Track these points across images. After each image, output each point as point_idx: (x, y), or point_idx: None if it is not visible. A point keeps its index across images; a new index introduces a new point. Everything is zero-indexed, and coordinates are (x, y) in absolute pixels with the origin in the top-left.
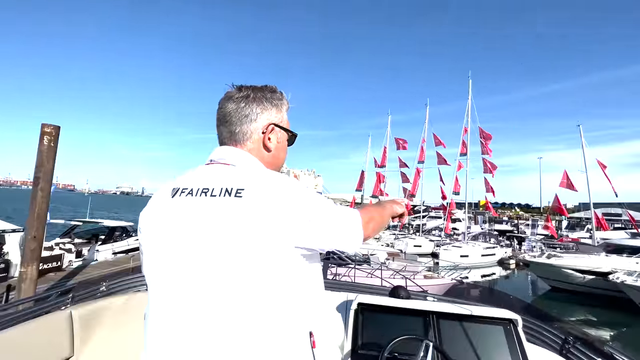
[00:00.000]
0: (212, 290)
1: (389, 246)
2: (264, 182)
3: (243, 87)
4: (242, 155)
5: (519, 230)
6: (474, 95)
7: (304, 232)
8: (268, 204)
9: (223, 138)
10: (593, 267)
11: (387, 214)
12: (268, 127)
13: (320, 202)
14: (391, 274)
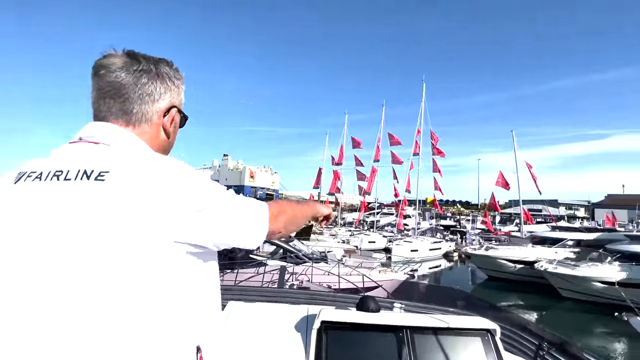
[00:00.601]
0: (54, 299)
1: (344, 243)
2: (139, 164)
3: (140, 57)
4: (125, 135)
5: (460, 225)
6: (427, 98)
7: (187, 224)
8: (138, 188)
9: (106, 114)
10: (522, 257)
11: (305, 212)
12: (171, 110)
13: (213, 189)
14: (348, 271)
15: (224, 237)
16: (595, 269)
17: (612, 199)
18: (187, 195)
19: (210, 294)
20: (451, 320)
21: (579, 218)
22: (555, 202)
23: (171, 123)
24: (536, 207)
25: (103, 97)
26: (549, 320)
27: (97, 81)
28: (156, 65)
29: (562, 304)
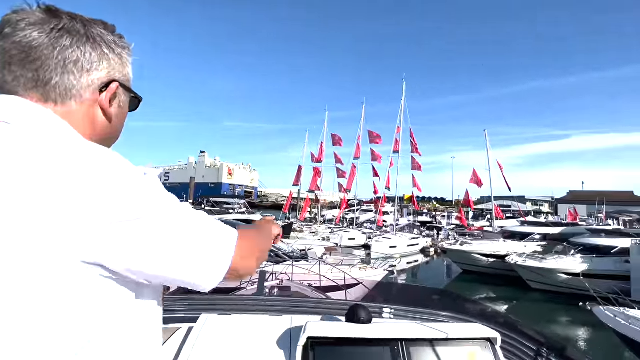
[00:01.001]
0: None
1: (325, 240)
2: (43, 152)
3: (63, 13)
4: (36, 112)
5: (436, 221)
6: (406, 97)
7: (102, 238)
8: (31, 185)
9: (13, 85)
10: (494, 251)
11: (269, 241)
12: (110, 85)
13: (151, 195)
14: (329, 269)
15: (157, 266)
16: (560, 261)
17: (574, 195)
18: (109, 198)
19: (140, 344)
20: (449, 329)
21: (544, 213)
22: (523, 198)
23: (111, 102)
24: (505, 203)
25: (8, 62)
26: (518, 310)
27: (1, 43)
28: (86, 25)
29: (531, 295)
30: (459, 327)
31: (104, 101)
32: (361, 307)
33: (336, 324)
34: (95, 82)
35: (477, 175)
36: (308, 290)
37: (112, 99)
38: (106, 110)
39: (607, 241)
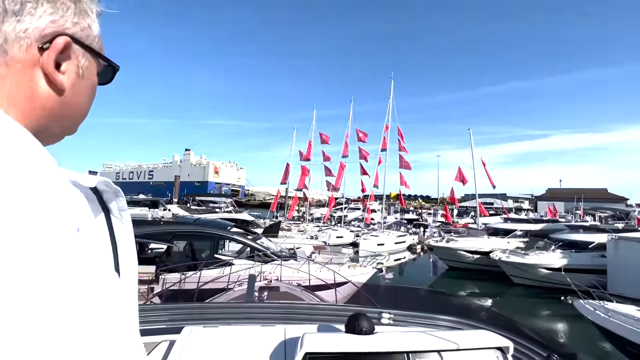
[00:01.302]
0: None
1: (313, 239)
2: None
3: None
4: None
5: (422, 219)
6: (395, 95)
7: None
8: None
9: None
10: (479, 247)
11: None
12: (57, 41)
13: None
14: (318, 268)
15: None
16: (541, 256)
17: (552, 192)
18: None
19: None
20: (457, 338)
21: (525, 210)
22: (504, 195)
23: (59, 66)
24: (489, 201)
25: None
26: (502, 305)
27: None
28: None
29: (514, 290)
30: (467, 336)
31: (46, 63)
32: (363, 317)
33: (336, 335)
34: (29, 34)
35: (462, 173)
36: (297, 291)
37: (62, 60)
38: (52, 77)
39: (585, 237)
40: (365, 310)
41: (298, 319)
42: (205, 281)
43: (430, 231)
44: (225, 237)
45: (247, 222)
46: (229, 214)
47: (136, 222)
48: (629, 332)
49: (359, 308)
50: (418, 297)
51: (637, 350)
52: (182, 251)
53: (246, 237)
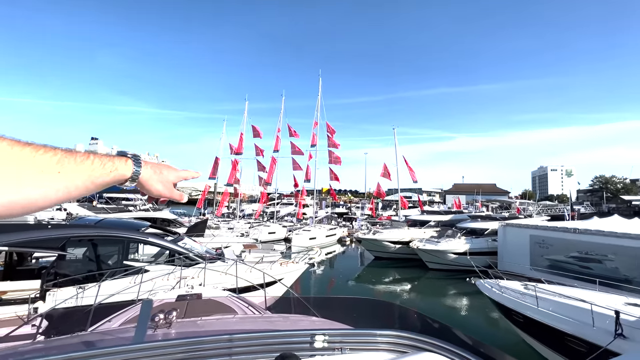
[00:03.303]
0: None
1: (243, 236)
2: None
3: None
4: None
5: (351, 212)
6: (324, 94)
7: None
8: None
9: None
10: (400, 238)
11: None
12: None
13: None
14: (248, 269)
15: None
16: (450, 243)
17: (457, 187)
18: None
19: None
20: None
21: (436, 202)
22: (420, 190)
23: None
24: (408, 195)
25: None
26: (419, 289)
27: None
28: None
29: (429, 274)
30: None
31: None
32: (291, 357)
33: None
34: None
35: (387, 169)
36: (223, 297)
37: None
38: None
39: (482, 224)
40: (296, 334)
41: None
42: (112, 293)
43: (358, 224)
44: (137, 240)
45: (168, 221)
46: (146, 212)
47: (9, 227)
48: (515, 304)
49: (288, 332)
50: (353, 306)
51: (520, 318)
52: (81, 260)
53: (164, 239)
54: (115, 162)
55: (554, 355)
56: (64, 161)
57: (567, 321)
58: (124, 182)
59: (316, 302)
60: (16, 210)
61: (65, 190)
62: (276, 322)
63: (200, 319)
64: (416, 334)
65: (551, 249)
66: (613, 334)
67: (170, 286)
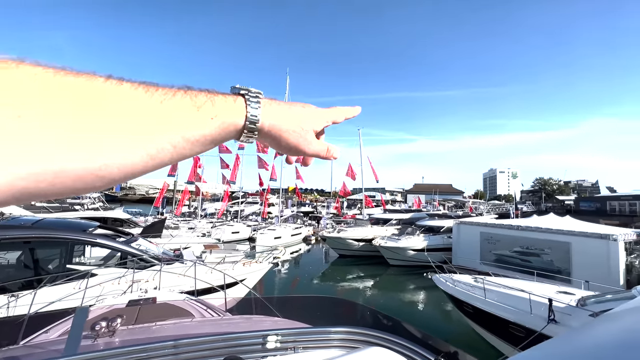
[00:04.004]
0: None
1: (205, 236)
2: None
3: None
4: None
5: (317, 211)
6: (292, 92)
7: None
8: None
9: None
10: (363, 236)
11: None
12: None
13: None
14: (208, 270)
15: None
16: (410, 240)
17: (417, 187)
18: None
19: None
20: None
21: (398, 202)
22: (383, 189)
23: None
24: (372, 194)
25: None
26: (381, 285)
27: None
28: None
29: (390, 270)
30: (362, 357)
31: None
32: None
33: None
34: None
35: (352, 169)
36: (180, 301)
37: None
38: None
39: (439, 222)
40: (248, 336)
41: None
42: (52, 301)
43: (324, 223)
44: (82, 242)
45: (121, 221)
46: (96, 211)
47: None
48: (466, 296)
49: (239, 334)
50: (315, 305)
51: (470, 309)
52: (14, 265)
53: (116, 240)
54: (217, 103)
55: (499, 341)
56: (154, 98)
57: (510, 310)
58: (236, 135)
59: (279, 302)
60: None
61: (148, 153)
62: (234, 324)
63: (155, 325)
64: (367, 329)
65: (498, 245)
66: (547, 320)
67: (122, 291)
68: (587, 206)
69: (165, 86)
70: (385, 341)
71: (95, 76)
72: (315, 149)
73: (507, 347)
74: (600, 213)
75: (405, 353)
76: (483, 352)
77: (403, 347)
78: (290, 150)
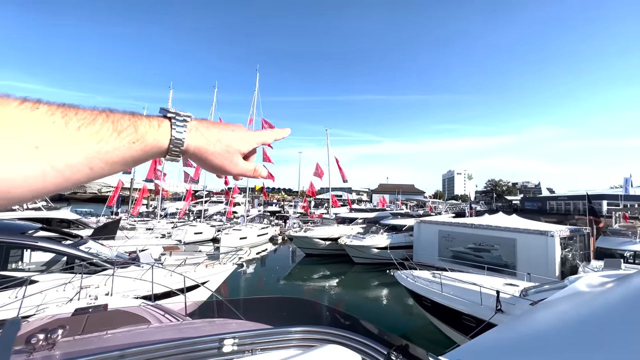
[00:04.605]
0: None
1: (165, 237)
2: None
3: None
4: None
5: (284, 211)
6: (261, 90)
7: None
8: None
9: None
10: (330, 235)
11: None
12: None
13: None
14: (167, 273)
15: None
16: (374, 238)
17: (382, 187)
18: None
19: None
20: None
21: (364, 201)
22: (350, 189)
23: None
24: (339, 193)
25: None
26: (346, 282)
27: None
28: None
29: (355, 268)
30: (317, 356)
31: None
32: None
33: None
34: None
35: (319, 168)
36: (134, 307)
37: None
38: None
39: (401, 221)
40: (203, 341)
41: None
42: None
43: (291, 222)
44: (20, 245)
45: (68, 222)
46: (38, 211)
47: None
48: (425, 291)
49: (194, 339)
50: (276, 305)
51: (428, 303)
52: None
53: (61, 243)
54: (141, 127)
55: (453, 332)
56: (55, 125)
57: (463, 302)
58: (161, 154)
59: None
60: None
61: (55, 172)
62: (194, 328)
63: (105, 334)
64: (324, 327)
65: (454, 242)
66: (494, 310)
67: (67, 298)
68: (530, 205)
69: (86, 109)
70: (341, 338)
71: (9, 99)
72: (241, 169)
73: (460, 336)
74: (541, 212)
75: (359, 348)
76: (439, 343)
77: (357, 342)
78: (215, 170)
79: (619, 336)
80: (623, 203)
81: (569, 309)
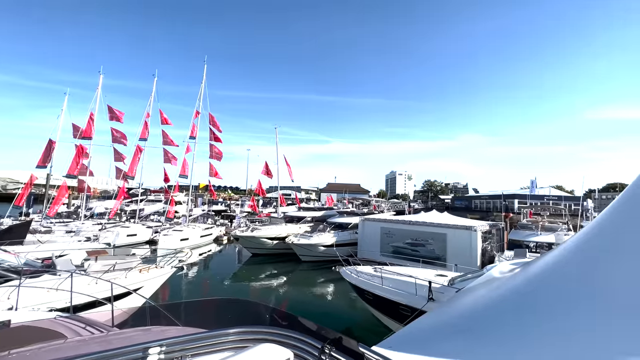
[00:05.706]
0: None
1: (90, 240)
2: None
3: None
4: None
5: (230, 210)
6: (209, 83)
7: None
8: None
9: None
10: (277, 234)
11: None
12: None
13: None
14: (92, 280)
15: None
16: (321, 236)
17: (330, 186)
18: None
19: None
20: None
21: (312, 200)
22: (299, 188)
23: None
24: (287, 192)
25: None
26: (293, 281)
27: None
28: None
29: (302, 266)
30: (249, 356)
31: None
32: None
33: None
34: None
35: (268, 167)
36: (46, 321)
37: None
38: None
39: (347, 219)
40: (123, 353)
41: None
42: None
43: (237, 222)
44: None
45: None
46: None
47: None
48: (367, 285)
49: (113, 352)
50: (215, 308)
51: (370, 296)
52: None
53: None
54: None
55: (392, 322)
56: None
57: (400, 294)
58: None
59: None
60: None
61: None
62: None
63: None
64: (259, 327)
65: (394, 238)
66: (427, 299)
67: None
68: (459, 204)
69: None
70: (276, 336)
71: None
72: None
73: (398, 326)
74: (468, 209)
75: (294, 344)
76: (380, 333)
77: (292, 339)
78: None
79: (521, 312)
80: (529, 201)
81: (485, 293)
